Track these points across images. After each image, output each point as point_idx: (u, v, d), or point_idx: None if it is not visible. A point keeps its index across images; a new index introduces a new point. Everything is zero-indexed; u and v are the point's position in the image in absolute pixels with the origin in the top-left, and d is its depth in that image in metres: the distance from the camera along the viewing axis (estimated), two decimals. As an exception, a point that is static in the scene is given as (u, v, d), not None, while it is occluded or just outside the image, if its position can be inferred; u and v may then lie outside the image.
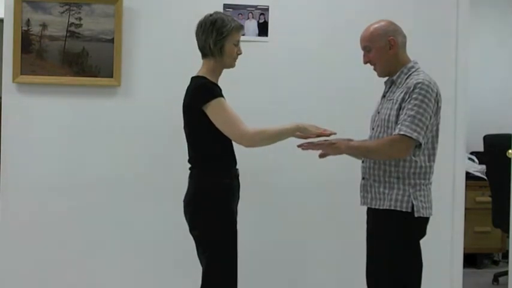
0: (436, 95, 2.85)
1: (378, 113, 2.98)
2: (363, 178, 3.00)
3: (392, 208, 2.83)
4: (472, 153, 5.85)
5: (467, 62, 4.12)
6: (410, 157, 2.83)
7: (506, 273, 4.58)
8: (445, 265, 4.07)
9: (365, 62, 3.01)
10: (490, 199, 5.23)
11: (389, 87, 2.99)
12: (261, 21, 3.95)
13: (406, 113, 2.78)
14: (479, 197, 5.54)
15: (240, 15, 3.89)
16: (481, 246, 5.57)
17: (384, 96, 3.02)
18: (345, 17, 4.00)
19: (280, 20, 3.95)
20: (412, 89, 2.81)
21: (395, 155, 2.83)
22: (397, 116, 2.83)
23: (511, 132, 4.27)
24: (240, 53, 3.05)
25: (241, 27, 3.06)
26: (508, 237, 4.66)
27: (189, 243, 3.02)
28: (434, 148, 2.90)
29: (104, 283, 3.87)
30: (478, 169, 5.68)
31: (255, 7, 3.94)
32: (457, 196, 4.10)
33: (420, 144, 2.81)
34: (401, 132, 2.76)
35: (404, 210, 2.82)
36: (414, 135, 2.76)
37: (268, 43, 3.94)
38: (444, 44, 4.08)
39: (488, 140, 5.26)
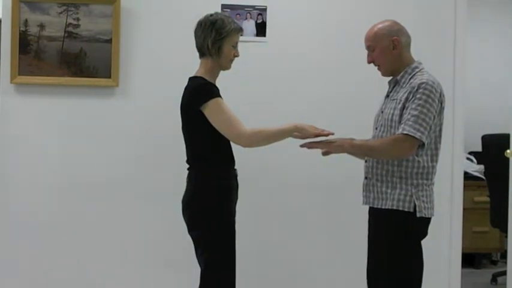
0: (440, 96, 2.85)
1: (382, 112, 2.98)
2: (366, 178, 2.99)
3: (394, 208, 2.83)
4: (470, 153, 5.85)
5: (465, 61, 4.12)
6: (413, 157, 2.83)
7: (504, 273, 4.58)
8: (443, 265, 4.07)
9: (369, 62, 3.00)
10: (488, 199, 5.23)
11: (393, 87, 2.99)
12: (259, 21, 3.95)
13: (409, 113, 2.78)
14: (478, 197, 5.54)
15: (237, 15, 3.89)
16: (479, 246, 5.57)
17: (387, 96, 3.02)
18: (344, 17, 4.00)
19: (278, 20, 3.95)
20: (416, 89, 2.81)
21: (398, 155, 2.82)
22: (401, 115, 2.83)
23: (509, 132, 4.26)
24: (237, 56, 3.04)
25: (241, 29, 3.05)
26: (506, 237, 4.65)
27: (188, 244, 3.02)
28: (437, 148, 2.90)
29: (103, 283, 3.87)
30: (476, 169, 5.68)
31: (253, 7, 3.94)
32: (455, 196, 4.11)
33: (423, 144, 2.81)
34: (405, 132, 2.76)
35: (406, 210, 2.82)
36: (417, 134, 2.76)
37: (266, 43, 3.94)
38: (442, 43, 4.09)
39: (487, 139, 5.26)
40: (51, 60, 3.78)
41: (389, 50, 2.93)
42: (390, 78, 3.02)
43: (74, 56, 3.79)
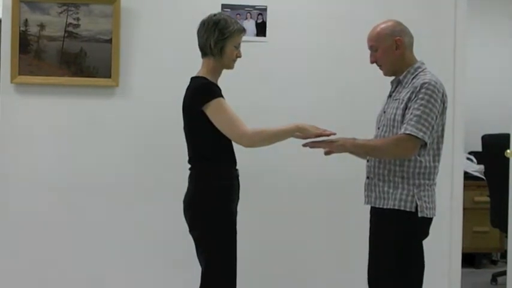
0: (443, 96, 2.86)
1: (384, 112, 2.99)
2: (368, 177, 3.00)
3: (396, 208, 2.83)
4: (470, 153, 5.85)
5: (465, 61, 4.12)
6: (415, 157, 2.83)
7: (504, 273, 4.58)
8: (443, 265, 4.07)
9: (372, 62, 3.01)
10: (488, 199, 5.23)
11: (396, 87, 2.99)
12: (259, 21, 3.94)
13: (412, 113, 2.78)
14: (478, 197, 5.54)
15: (238, 15, 3.89)
16: (480, 246, 5.57)
17: (390, 95, 3.03)
18: (344, 17, 4.00)
19: (278, 20, 3.95)
20: (418, 88, 2.81)
21: (400, 154, 2.82)
22: (403, 115, 2.83)
23: (509, 132, 4.27)
24: (240, 56, 3.05)
25: (244, 30, 3.05)
26: (506, 236, 4.65)
27: (189, 244, 3.02)
28: (439, 148, 2.90)
29: (103, 283, 3.86)
30: (476, 169, 5.68)
31: (253, 7, 3.93)
32: (456, 196, 4.11)
33: (425, 144, 2.81)
34: (407, 132, 2.76)
35: (408, 210, 2.82)
36: (420, 134, 2.76)
37: (267, 43, 3.94)
38: (442, 43, 4.09)
39: (487, 139, 5.26)
40: (51, 60, 3.78)
41: (392, 50, 2.94)
42: (393, 78, 3.02)
43: (74, 56, 3.79)
